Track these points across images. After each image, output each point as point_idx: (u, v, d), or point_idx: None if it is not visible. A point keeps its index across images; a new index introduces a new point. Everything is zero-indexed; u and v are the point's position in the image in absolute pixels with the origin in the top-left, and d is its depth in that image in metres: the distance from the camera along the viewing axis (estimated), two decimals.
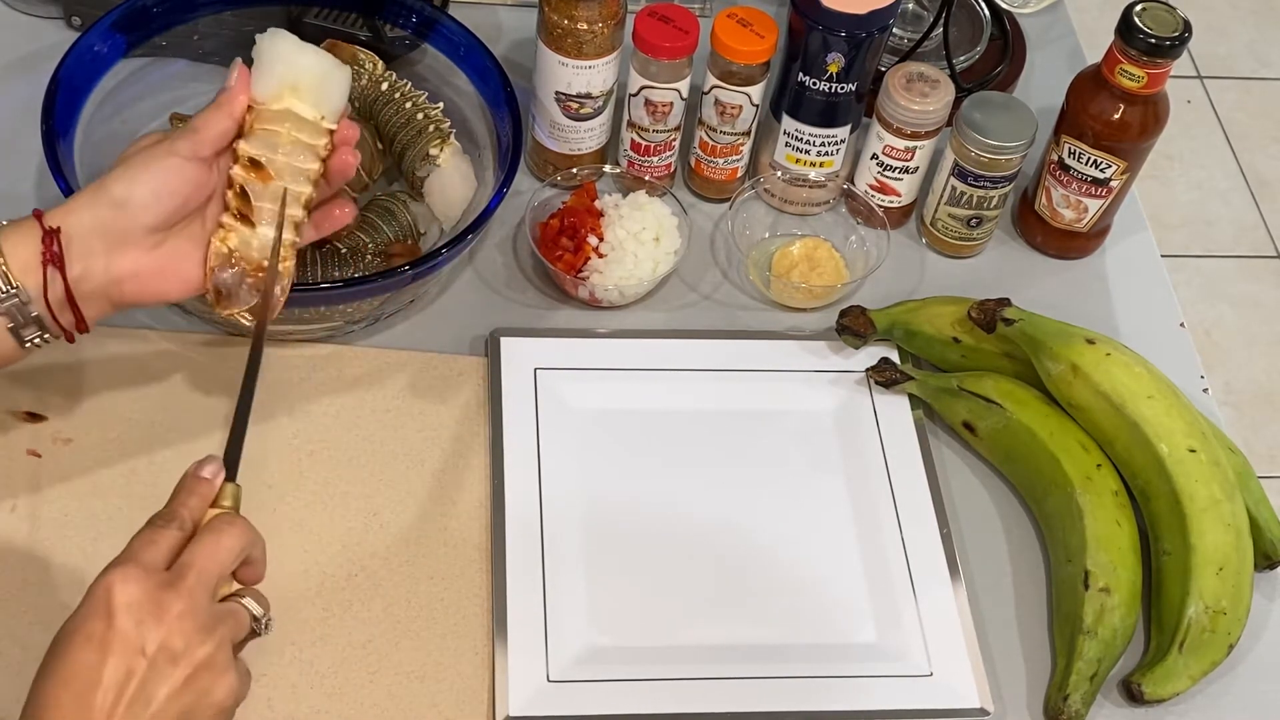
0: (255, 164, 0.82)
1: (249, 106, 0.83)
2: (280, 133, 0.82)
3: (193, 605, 0.69)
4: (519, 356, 1.01)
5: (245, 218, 0.82)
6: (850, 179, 1.14)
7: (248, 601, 0.75)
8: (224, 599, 0.74)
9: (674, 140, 1.12)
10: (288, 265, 0.84)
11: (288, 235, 0.84)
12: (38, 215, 0.78)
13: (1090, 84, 1.06)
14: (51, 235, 0.77)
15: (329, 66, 0.84)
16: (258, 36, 0.83)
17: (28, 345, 0.80)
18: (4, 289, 0.77)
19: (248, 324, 0.84)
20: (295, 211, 0.83)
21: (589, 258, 1.05)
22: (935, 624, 0.92)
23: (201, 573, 0.71)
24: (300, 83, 0.82)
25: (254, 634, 0.75)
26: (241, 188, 0.82)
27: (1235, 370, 2.19)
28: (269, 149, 0.82)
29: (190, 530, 0.73)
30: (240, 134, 0.83)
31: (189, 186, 0.80)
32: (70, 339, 0.81)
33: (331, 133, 0.84)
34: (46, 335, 0.80)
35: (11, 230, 0.78)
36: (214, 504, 0.75)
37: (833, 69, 1.05)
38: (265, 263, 0.83)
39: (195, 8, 1.09)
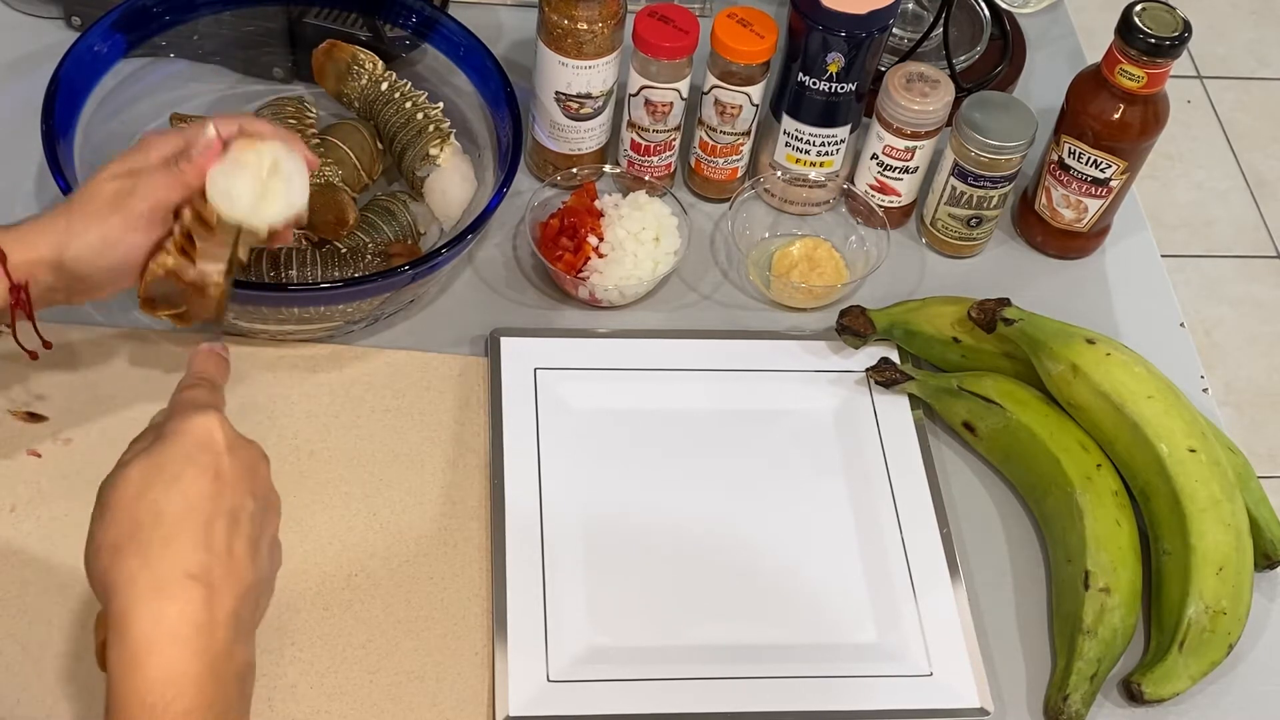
0: (201, 218, 0.83)
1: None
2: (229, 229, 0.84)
3: (268, 467, 0.74)
4: (519, 356, 1.01)
5: (186, 252, 0.84)
6: (850, 179, 1.14)
7: None
8: None
9: (674, 140, 1.12)
10: (220, 293, 0.85)
11: (223, 271, 0.84)
12: (2, 258, 0.79)
13: (1090, 84, 1.06)
14: (18, 289, 0.80)
15: (284, 203, 0.83)
16: (210, 175, 0.82)
17: None
18: None
19: (176, 326, 0.87)
20: (241, 254, 0.85)
21: (589, 258, 1.05)
22: (935, 624, 0.92)
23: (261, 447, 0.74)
24: (255, 228, 0.83)
25: None
26: (187, 230, 0.83)
27: (1235, 370, 2.19)
28: (218, 218, 0.83)
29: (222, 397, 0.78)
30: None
31: (144, 245, 0.82)
32: (34, 356, 0.86)
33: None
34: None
35: None
36: None
37: (833, 69, 1.05)
38: (199, 283, 0.84)
39: (195, 8, 1.09)
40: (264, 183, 0.82)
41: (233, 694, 0.66)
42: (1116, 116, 1.05)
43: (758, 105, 1.09)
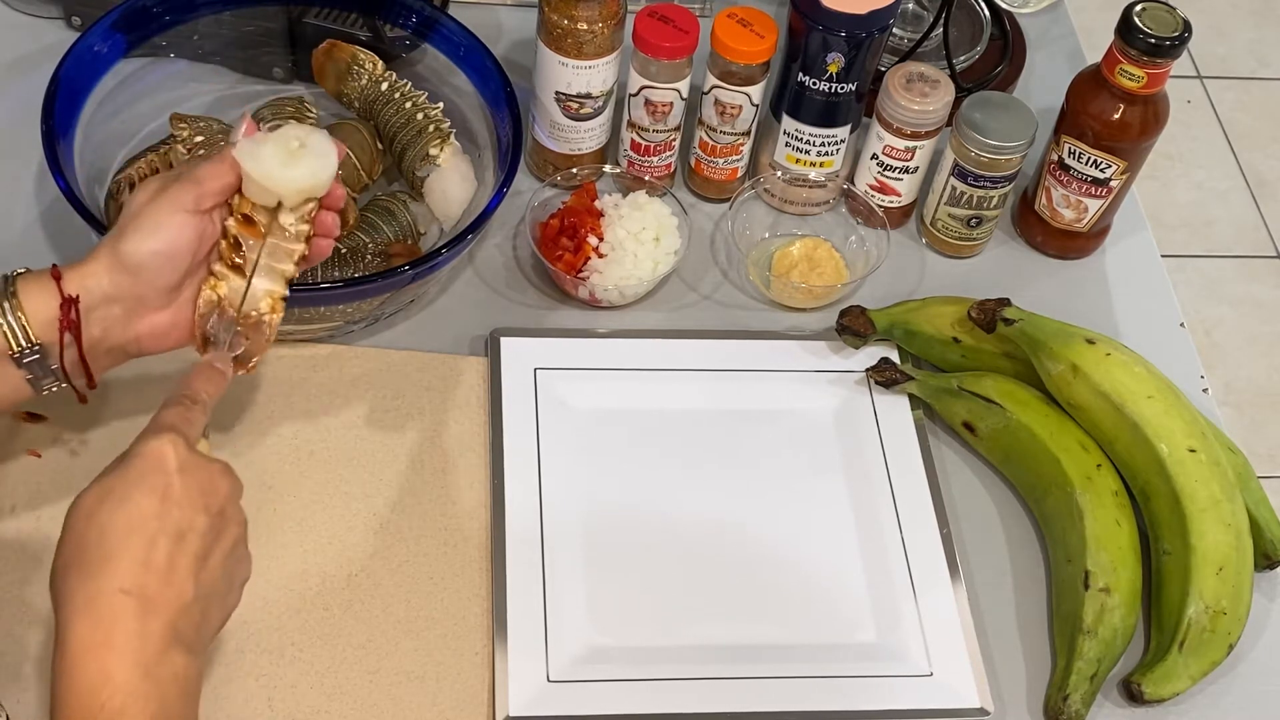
0: (248, 219, 0.82)
1: None
2: (267, 212, 0.82)
3: (233, 484, 0.74)
4: (519, 356, 1.01)
5: (237, 267, 0.83)
6: (850, 179, 1.14)
7: None
8: None
9: (674, 140, 1.12)
10: (275, 317, 0.84)
11: (276, 287, 0.83)
12: (56, 276, 0.78)
13: (1090, 84, 1.06)
14: (70, 303, 0.78)
15: (311, 171, 0.82)
16: (236, 152, 0.81)
17: (44, 393, 0.81)
18: (25, 345, 0.78)
19: (233, 373, 0.84)
20: (286, 267, 0.83)
21: (589, 258, 1.05)
22: (935, 624, 0.92)
23: (227, 464, 0.76)
24: (286, 196, 0.82)
25: None
26: (235, 238, 0.82)
27: (1235, 370, 2.19)
28: (262, 212, 0.82)
29: (207, 413, 0.78)
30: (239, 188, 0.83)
31: (197, 242, 0.81)
32: (83, 399, 0.83)
33: (321, 199, 0.84)
34: (63, 384, 0.81)
35: (32, 285, 0.78)
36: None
37: (833, 69, 1.05)
38: (253, 312, 0.83)
39: (195, 8, 1.09)
40: (291, 152, 0.81)
41: (171, 699, 0.68)
42: (1116, 116, 1.05)
43: (758, 105, 1.09)
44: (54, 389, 0.81)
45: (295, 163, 0.81)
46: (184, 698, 0.69)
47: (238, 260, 0.82)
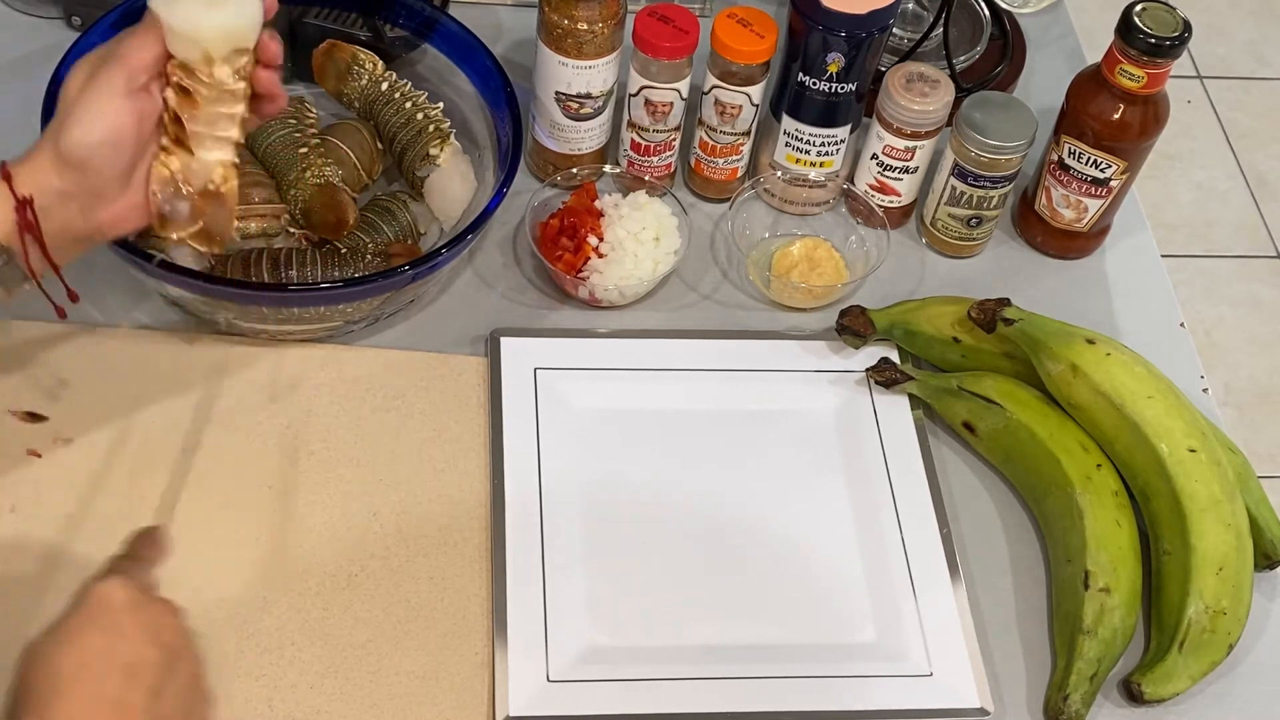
0: (184, 90, 0.81)
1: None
2: (202, 69, 0.81)
3: (182, 623, 0.72)
4: (519, 356, 1.01)
5: (183, 143, 0.82)
6: (850, 179, 1.14)
7: None
8: None
9: (674, 140, 1.12)
10: (230, 186, 0.83)
11: (226, 155, 0.83)
12: (6, 176, 0.78)
13: (1090, 84, 1.06)
14: (24, 204, 0.78)
15: (233, 13, 0.81)
16: (151, 3, 0.80)
17: (15, 294, 0.81)
18: None
19: (201, 249, 0.85)
20: (231, 133, 0.83)
21: (589, 258, 1.05)
22: (935, 624, 0.92)
23: (176, 605, 0.73)
24: (210, 43, 0.81)
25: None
26: (175, 113, 0.81)
27: (1235, 370, 2.19)
28: (195, 79, 0.81)
29: (150, 569, 0.76)
30: (170, 56, 0.82)
31: (137, 123, 0.80)
32: (62, 314, 0.84)
33: (252, 50, 0.82)
34: (33, 284, 0.81)
35: None
36: None
37: (833, 69, 1.05)
38: (209, 185, 0.83)
39: None
40: None
41: None
42: (1116, 116, 1.05)
43: (758, 105, 1.09)
44: (26, 288, 0.81)
45: (216, 6, 0.80)
46: None
47: (182, 136, 0.82)
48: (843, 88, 1.07)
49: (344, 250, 1.02)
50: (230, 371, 0.99)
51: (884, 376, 1.03)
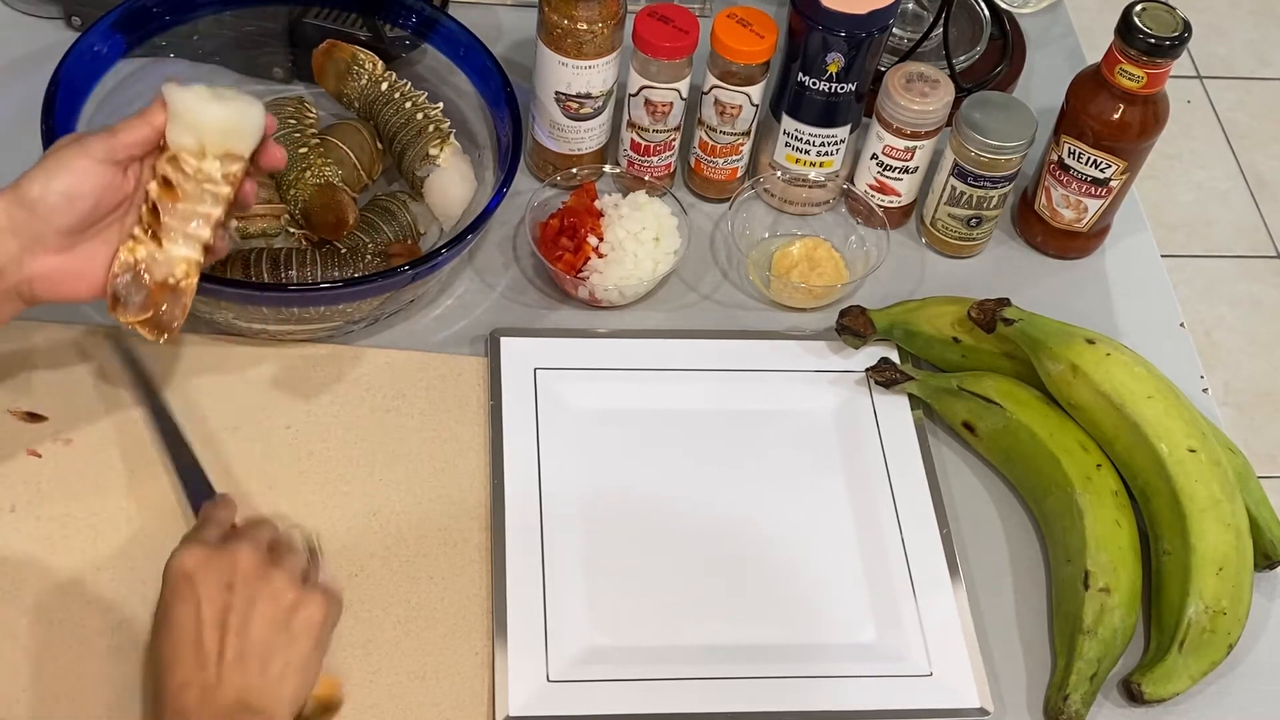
0: (167, 182, 0.83)
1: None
2: (191, 161, 0.83)
3: (254, 545, 0.81)
4: (519, 356, 1.01)
5: (155, 234, 0.83)
6: (850, 179, 1.14)
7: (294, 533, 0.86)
8: None
9: (674, 140, 1.12)
10: (190, 283, 0.84)
11: (192, 253, 0.84)
12: None
13: (1090, 84, 1.06)
14: None
15: (236, 114, 0.83)
16: (164, 88, 0.83)
17: None
18: None
19: (147, 338, 0.85)
20: (204, 233, 0.84)
21: (589, 258, 1.05)
22: (935, 624, 0.92)
23: (249, 534, 0.82)
24: (207, 134, 0.82)
25: (314, 555, 0.85)
26: (154, 203, 0.83)
27: (1235, 370, 2.19)
28: (181, 172, 0.83)
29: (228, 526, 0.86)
30: (161, 148, 0.83)
31: (100, 189, 0.81)
32: None
33: (247, 159, 0.84)
34: None
35: None
36: None
37: (833, 69, 1.05)
38: (169, 279, 0.84)
39: (195, 8, 1.09)
40: (219, 95, 0.82)
41: None
42: (1116, 116, 1.05)
43: (758, 105, 1.09)
44: None
45: (221, 103, 0.82)
46: None
47: (155, 227, 0.83)
48: (843, 88, 1.07)
49: (344, 250, 1.02)
50: (230, 371, 0.99)
51: (884, 376, 1.03)
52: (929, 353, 1.05)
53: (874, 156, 1.11)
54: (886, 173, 1.11)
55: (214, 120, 0.82)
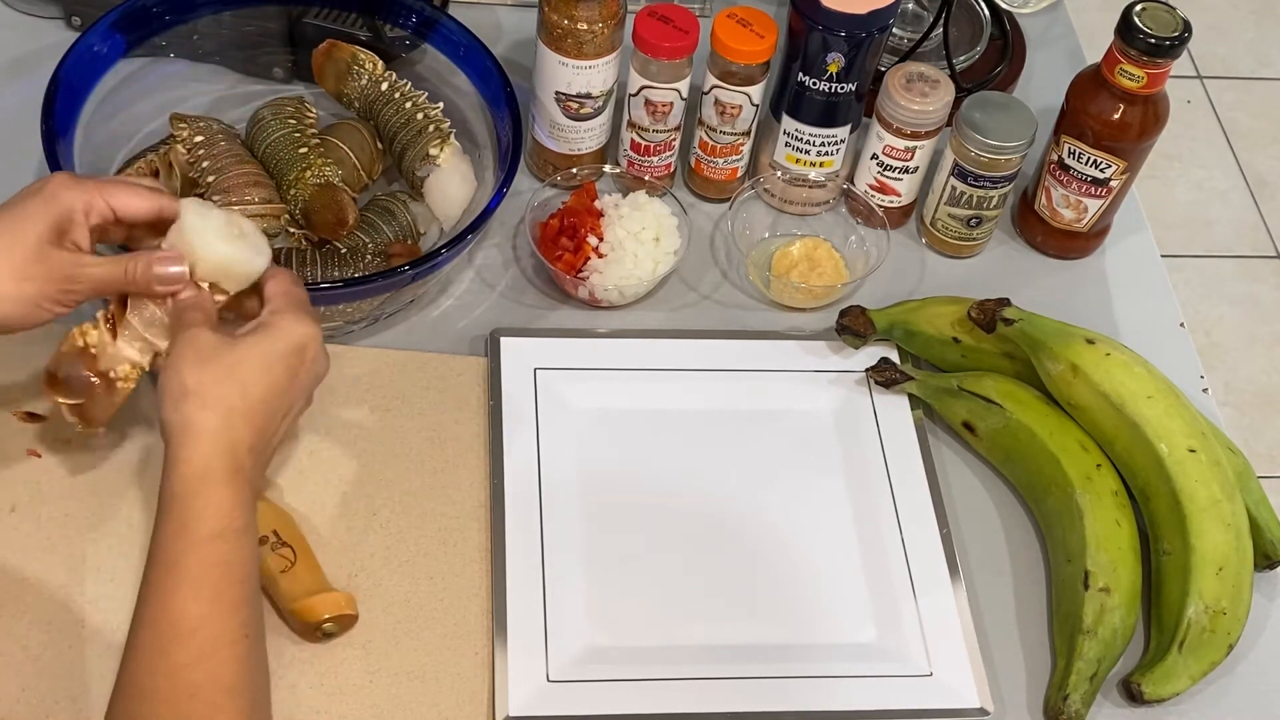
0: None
1: None
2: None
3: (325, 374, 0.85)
4: (519, 356, 1.01)
5: (113, 326, 0.83)
6: (850, 179, 1.14)
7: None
8: None
9: (674, 140, 1.12)
10: (127, 386, 0.85)
11: (140, 359, 0.84)
12: None
13: (1090, 84, 1.06)
14: None
15: (240, 259, 0.83)
16: (185, 201, 0.83)
17: None
18: None
19: (69, 422, 0.85)
20: (160, 343, 0.84)
21: (589, 258, 1.05)
22: (935, 624, 0.92)
23: (194, 309, 0.82)
24: (203, 264, 0.83)
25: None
26: (124, 297, 0.83)
27: (1235, 370, 2.19)
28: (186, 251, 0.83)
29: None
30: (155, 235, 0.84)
31: (55, 234, 0.80)
32: None
33: (230, 295, 0.85)
34: None
35: None
36: None
37: (833, 69, 1.05)
38: (111, 373, 0.84)
39: (195, 8, 1.09)
40: (233, 233, 0.83)
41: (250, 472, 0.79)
42: (1116, 116, 1.05)
43: (758, 105, 1.09)
44: None
45: (229, 243, 0.82)
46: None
47: (116, 319, 0.83)
48: (843, 88, 1.07)
49: (344, 250, 1.02)
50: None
51: (884, 376, 1.03)
52: (929, 353, 1.05)
53: (874, 156, 1.11)
54: (886, 173, 1.11)
55: (215, 255, 0.82)
